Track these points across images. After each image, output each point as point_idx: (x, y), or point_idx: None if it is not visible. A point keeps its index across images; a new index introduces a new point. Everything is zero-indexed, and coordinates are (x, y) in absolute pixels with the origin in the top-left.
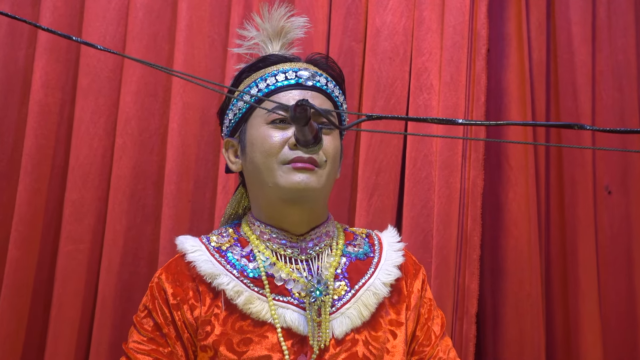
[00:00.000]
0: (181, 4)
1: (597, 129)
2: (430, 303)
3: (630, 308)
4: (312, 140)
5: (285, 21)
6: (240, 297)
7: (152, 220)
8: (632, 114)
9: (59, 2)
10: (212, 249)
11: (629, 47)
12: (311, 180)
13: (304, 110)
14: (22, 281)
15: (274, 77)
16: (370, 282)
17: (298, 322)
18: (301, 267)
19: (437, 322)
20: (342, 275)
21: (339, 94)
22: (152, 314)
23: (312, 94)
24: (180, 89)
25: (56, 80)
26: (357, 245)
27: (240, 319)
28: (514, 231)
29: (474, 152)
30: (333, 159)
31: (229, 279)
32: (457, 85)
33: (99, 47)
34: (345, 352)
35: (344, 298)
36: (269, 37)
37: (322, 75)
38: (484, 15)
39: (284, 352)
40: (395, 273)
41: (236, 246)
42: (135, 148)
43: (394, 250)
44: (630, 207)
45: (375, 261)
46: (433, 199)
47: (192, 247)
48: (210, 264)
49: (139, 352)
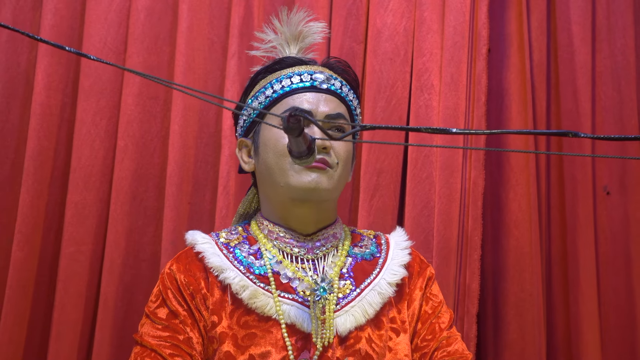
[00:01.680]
0: (182, 6)
1: (592, 137)
2: (437, 300)
3: (629, 308)
4: (305, 151)
5: (304, 26)
6: (245, 292)
7: (153, 222)
8: (630, 115)
9: (60, 5)
10: (220, 244)
11: (628, 48)
12: (322, 180)
13: (298, 121)
14: (25, 282)
15: (289, 79)
16: (376, 281)
17: (302, 319)
18: (307, 267)
19: (444, 320)
20: (348, 275)
21: (352, 98)
22: (166, 302)
23: (326, 97)
24: (181, 92)
25: (58, 82)
26: (363, 247)
27: (245, 313)
28: (514, 231)
29: (475, 152)
30: (345, 161)
31: (235, 274)
32: (457, 86)
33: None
34: (348, 350)
35: (348, 297)
36: (287, 40)
37: (336, 78)
38: (485, 16)
39: (288, 349)
40: (401, 272)
41: (244, 244)
42: (137, 150)
43: (400, 249)
44: (628, 207)
45: (381, 261)
46: (434, 199)
47: (202, 238)
48: (218, 258)
49: (155, 338)
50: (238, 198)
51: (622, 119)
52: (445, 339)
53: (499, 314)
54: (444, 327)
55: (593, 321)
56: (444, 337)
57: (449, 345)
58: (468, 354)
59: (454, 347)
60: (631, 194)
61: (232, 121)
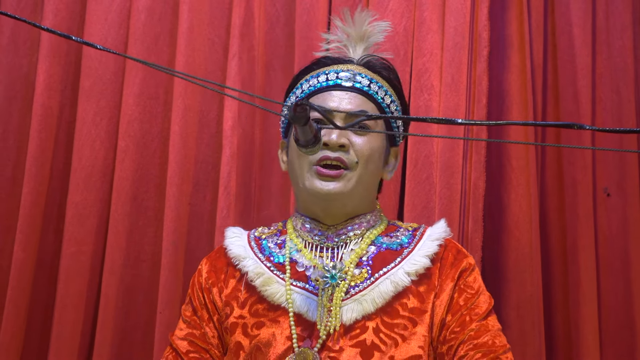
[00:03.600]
0: (182, 7)
1: (596, 129)
2: (471, 292)
3: (628, 309)
4: (312, 140)
5: (368, 25)
6: (259, 278)
7: (154, 223)
8: (629, 117)
9: (60, 5)
10: (252, 238)
11: (626, 49)
12: (335, 187)
13: (304, 110)
14: (26, 283)
15: (316, 79)
16: (393, 271)
17: (308, 307)
18: (325, 255)
19: (477, 311)
20: (366, 263)
21: (384, 96)
22: (192, 299)
23: (350, 95)
24: (181, 91)
25: (58, 83)
26: (394, 237)
27: (257, 301)
28: (515, 232)
29: (476, 153)
30: (367, 159)
31: (253, 262)
32: (458, 87)
33: (98, 47)
34: (352, 340)
35: (361, 285)
36: (353, 41)
37: (365, 76)
38: (485, 17)
39: (293, 337)
40: (422, 262)
41: (275, 236)
42: (138, 150)
43: (431, 240)
44: (627, 209)
45: (407, 251)
46: (434, 200)
47: (233, 233)
48: (241, 249)
49: (178, 337)
50: (239, 199)
51: (621, 120)
52: (473, 331)
53: (500, 315)
54: (475, 318)
55: (593, 322)
56: (472, 329)
57: (477, 338)
58: (498, 347)
59: (483, 340)
60: (630, 195)
61: (232, 122)
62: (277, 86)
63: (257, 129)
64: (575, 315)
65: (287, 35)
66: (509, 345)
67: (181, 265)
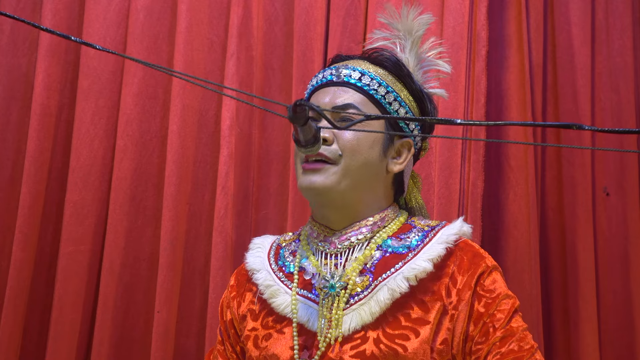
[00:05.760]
0: (181, 6)
1: (596, 129)
2: (491, 296)
3: (628, 309)
4: (311, 140)
5: (413, 20)
6: (268, 291)
7: (152, 222)
8: (629, 117)
9: (59, 5)
10: (274, 246)
11: (626, 49)
12: (316, 180)
13: (303, 110)
14: (25, 282)
15: (315, 78)
16: (392, 277)
17: (309, 317)
18: (330, 262)
19: (499, 317)
20: (369, 271)
21: (378, 87)
22: (220, 321)
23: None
24: (180, 91)
25: (57, 83)
26: (403, 239)
27: (268, 314)
28: (514, 232)
29: (474, 153)
30: (352, 151)
31: (265, 274)
32: (456, 87)
33: (97, 47)
34: (352, 350)
35: (361, 294)
36: (404, 35)
37: (356, 69)
38: (484, 17)
39: (294, 348)
40: (422, 267)
41: (295, 242)
42: (136, 150)
43: (439, 242)
44: (627, 209)
45: (412, 255)
46: (433, 200)
47: (255, 245)
48: (258, 260)
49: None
50: (237, 198)
51: (621, 121)
52: (498, 339)
53: None
54: (498, 325)
55: (592, 322)
56: (497, 338)
57: (503, 346)
58: (525, 352)
59: (509, 348)
60: (630, 195)
61: (231, 121)
62: (275, 86)
63: (256, 128)
64: (574, 315)
65: (286, 35)
66: (536, 345)
67: (179, 265)
